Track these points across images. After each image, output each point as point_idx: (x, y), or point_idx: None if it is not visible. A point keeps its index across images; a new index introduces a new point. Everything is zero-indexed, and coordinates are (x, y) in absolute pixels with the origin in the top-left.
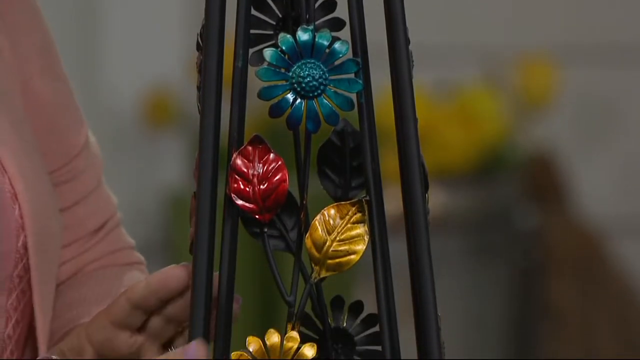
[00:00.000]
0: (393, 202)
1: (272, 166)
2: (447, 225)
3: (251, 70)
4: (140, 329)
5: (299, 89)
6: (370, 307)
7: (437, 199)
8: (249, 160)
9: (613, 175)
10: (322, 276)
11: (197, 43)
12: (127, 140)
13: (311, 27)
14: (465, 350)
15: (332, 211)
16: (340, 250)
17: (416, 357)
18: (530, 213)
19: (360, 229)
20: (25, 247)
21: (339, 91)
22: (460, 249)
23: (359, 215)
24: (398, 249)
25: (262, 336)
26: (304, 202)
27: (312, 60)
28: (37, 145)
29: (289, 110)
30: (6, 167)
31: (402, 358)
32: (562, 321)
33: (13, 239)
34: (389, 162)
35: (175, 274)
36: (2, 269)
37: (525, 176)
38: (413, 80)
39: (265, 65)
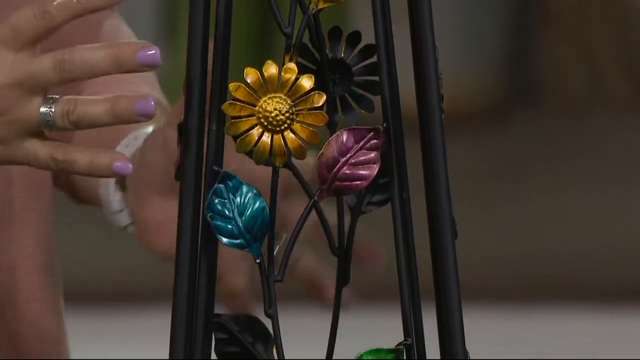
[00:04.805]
0: None
1: None
2: None
3: None
4: None
5: None
6: (368, 38)
7: None
8: None
9: None
10: (320, 7)
11: None
12: None
13: None
14: (463, 59)
15: None
16: None
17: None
18: None
19: None
20: None
21: None
22: None
23: None
24: None
25: (259, 68)
26: None
27: None
28: None
29: None
30: None
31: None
32: (559, 23)
33: None
34: None
35: None
36: None
37: None
38: None
39: None
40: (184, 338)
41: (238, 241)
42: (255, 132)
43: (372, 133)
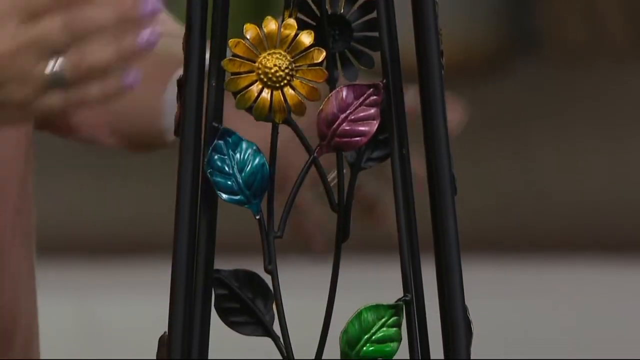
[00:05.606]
0: None
1: None
2: None
3: None
4: None
5: None
6: None
7: None
8: None
9: None
10: None
11: None
12: None
13: None
14: (462, 8)
15: None
16: None
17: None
18: None
19: None
20: None
21: None
22: None
23: None
24: None
25: (259, 24)
26: None
27: None
28: None
29: None
30: None
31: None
32: None
33: None
34: None
35: None
36: None
37: None
38: None
39: None
40: (184, 293)
41: (238, 197)
42: (255, 88)
43: (371, 89)
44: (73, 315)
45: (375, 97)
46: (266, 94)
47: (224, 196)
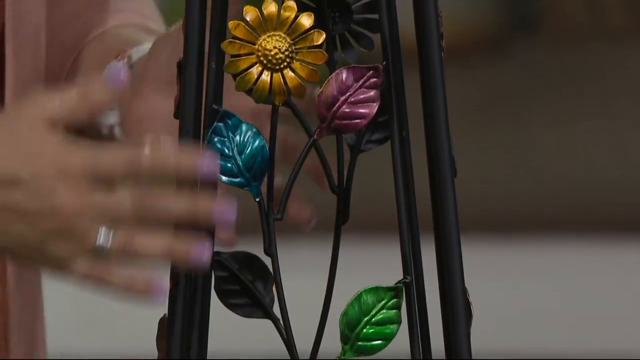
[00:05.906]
0: None
1: None
2: None
3: None
4: None
5: None
6: None
7: None
8: None
9: None
10: None
11: None
12: None
13: None
14: None
15: None
16: None
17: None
18: None
19: None
20: None
21: None
22: None
23: None
24: None
25: (259, 6)
26: None
27: None
28: None
29: None
30: None
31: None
32: None
33: None
34: None
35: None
36: None
37: None
38: None
39: None
40: (184, 276)
41: (237, 179)
42: (255, 70)
43: (371, 71)
44: (71, 296)
45: (375, 79)
46: (266, 76)
47: (224, 178)
